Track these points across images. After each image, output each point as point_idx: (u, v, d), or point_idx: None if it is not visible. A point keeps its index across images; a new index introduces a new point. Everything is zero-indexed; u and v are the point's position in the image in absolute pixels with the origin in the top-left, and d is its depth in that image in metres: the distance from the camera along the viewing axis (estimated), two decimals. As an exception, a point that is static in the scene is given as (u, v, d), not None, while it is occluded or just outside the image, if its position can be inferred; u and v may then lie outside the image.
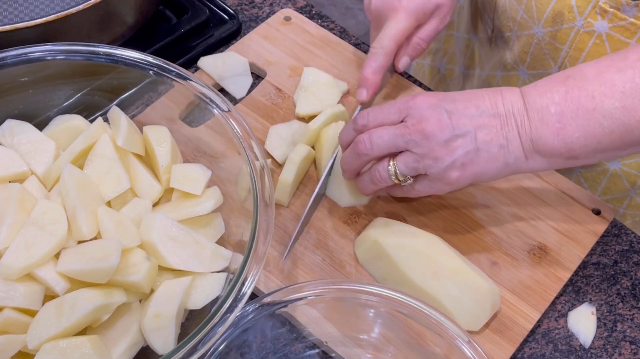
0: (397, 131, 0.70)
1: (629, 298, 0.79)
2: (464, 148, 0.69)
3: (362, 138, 0.72)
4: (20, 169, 0.72)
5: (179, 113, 0.80)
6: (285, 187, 0.79)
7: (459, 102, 0.70)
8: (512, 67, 0.95)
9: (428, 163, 0.70)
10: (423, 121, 0.69)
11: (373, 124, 0.73)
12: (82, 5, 0.80)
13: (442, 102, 0.70)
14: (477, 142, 0.69)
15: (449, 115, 0.69)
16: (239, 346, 0.68)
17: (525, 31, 0.90)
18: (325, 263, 0.77)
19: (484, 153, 0.69)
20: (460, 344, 0.67)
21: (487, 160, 0.69)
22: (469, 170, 0.70)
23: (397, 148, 0.71)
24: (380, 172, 0.73)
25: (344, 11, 2.48)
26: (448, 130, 0.69)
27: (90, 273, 0.63)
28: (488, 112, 0.69)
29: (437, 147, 0.69)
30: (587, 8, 0.82)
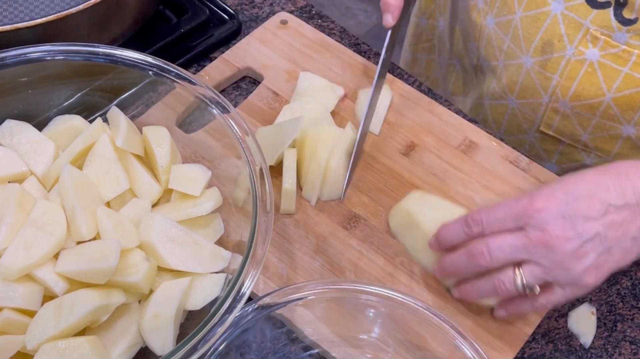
0: (519, 242, 0.65)
1: (629, 298, 0.78)
2: (594, 252, 0.64)
3: (480, 249, 0.67)
4: (19, 169, 0.72)
5: (179, 115, 0.80)
6: (290, 195, 0.79)
7: (581, 200, 0.65)
8: (501, 96, 0.94)
9: (558, 273, 0.65)
10: (546, 233, 0.64)
11: (488, 232, 0.68)
12: (82, 5, 0.80)
13: (563, 204, 0.65)
14: (608, 241, 0.64)
15: (573, 222, 0.64)
16: (238, 346, 0.68)
17: (514, 60, 0.89)
18: (325, 269, 0.77)
19: (617, 250, 0.65)
20: (460, 344, 0.67)
21: (621, 255, 0.66)
22: (603, 271, 0.66)
23: (519, 260, 0.66)
24: (505, 283, 0.67)
25: (344, 11, 2.48)
26: (575, 239, 0.64)
27: (90, 273, 0.63)
28: (615, 205, 0.64)
29: (565, 258, 0.64)
30: (578, 36, 0.80)
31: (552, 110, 0.88)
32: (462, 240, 0.70)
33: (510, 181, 0.84)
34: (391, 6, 0.80)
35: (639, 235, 0.65)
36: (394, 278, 0.76)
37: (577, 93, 0.83)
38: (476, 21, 0.93)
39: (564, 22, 0.81)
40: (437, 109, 0.90)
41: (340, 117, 0.88)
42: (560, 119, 0.88)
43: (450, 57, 1.06)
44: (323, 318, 0.72)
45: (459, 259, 0.70)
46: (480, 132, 0.88)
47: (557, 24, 0.81)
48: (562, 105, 0.86)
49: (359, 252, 0.78)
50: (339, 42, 0.96)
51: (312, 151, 0.80)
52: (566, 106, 0.85)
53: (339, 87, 0.90)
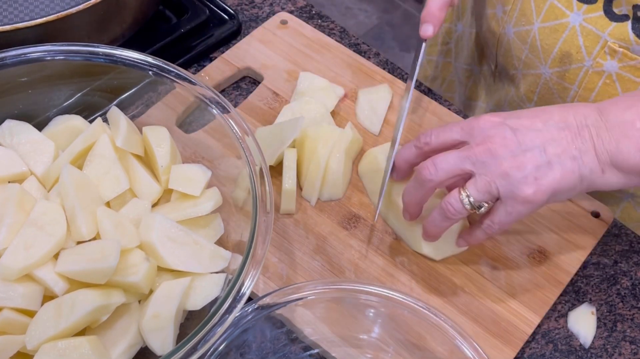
0: (462, 153, 0.68)
1: (629, 298, 0.78)
2: (533, 162, 0.66)
3: (425, 164, 0.70)
4: (19, 169, 0.72)
5: (179, 115, 0.80)
6: (290, 195, 0.79)
7: (524, 118, 0.68)
8: (518, 105, 0.94)
9: (499, 182, 0.67)
10: (487, 140, 0.67)
11: (435, 142, 0.71)
12: (82, 5, 0.80)
13: (506, 120, 0.68)
14: (547, 155, 0.66)
15: (513, 132, 0.67)
16: (238, 346, 0.68)
17: (532, 70, 0.89)
18: (325, 269, 0.77)
19: (557, 166, 0.66)
20: (460, 344, 0.67)
21: (562, 173, 0.66)
22: (544, 184, 0.66)
23: (463, 170, 0.68)
24: (452, 203, 0.69)
25: (344, 11, 2.48)
26: (514, 145, 0.66)
27: (89, 273, 0.63)
28: (557, 126, 0.67)
29: (504, 163, 0.66)
30: (596, 48, 0.81)
31: None
32: (414, 155, 0.73)
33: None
34: (435, 17, 0.78)
35: (579, 156, 0.66)
36: (394, 278, 0.77)
37: None
38: (495, 30, 0.93)
39: (582, 33, 0.81)
40: (437, 109, 0.90)
41: (340, 117, 0.88)
42: None
43: (468, 62, 1.06)
44: (323, 318, 0.72)
45: (410, 184, 0.73)
46: (480, 132, 0.87)
47: (576, 35, 0.82)
48: None
49: (359, 252, 0.78)
50: (339, 42, 0.96)
51: (312, 151, 0.80)
52: None
53: (339, 87, 0.90)
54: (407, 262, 0.78)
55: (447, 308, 0.75)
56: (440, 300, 0.75)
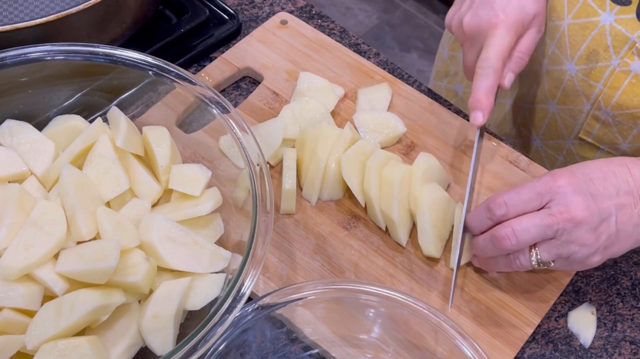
0: (544, 222, 0.67)
1: (629, 298, 0.78)
2: (607, 232, 0.67)
3: (505, 233, 0.68)
4: (19, 169, 0.72)
5: (179, 115, 0.80)
6: (290, 195, 0.79)
7: (596, 181, 0.68)
8: (541, 100, 0.94)
9: (574, 249, 0.67)
10: (572, 208, 0.66)
11: (513, 214, 0.69)
12: (82, 5, 0.80)
13: (583, 183, 0.67)
14: (617, 224, 0.67)
15: (594, 199, 0.67)
16: (238, 346, 0.68)
17: (557, 66, 0.89)
18: (325, 269, 0.77)
19: (622, 234, 0.68)
20: (460, 344, 0.67)
21: (624, 240, 0.68)
22: (608, 253, 0.69)
23: (544, 239, 0.68)
24: (521, 261, 0.70)
25: (344, 11, 2.48)
26: (596, 216, 0.66)
27: (89, 273, 0.63)
28: (623, 190, 0.68)
29: (586, 234, 0.67)
30: (624, 48, 0.81)
31: (593, 117, 0.88)
32: (487, 226, 0.71)
33: (510, 182, 0.84)
34: (483, 104, 0.77)
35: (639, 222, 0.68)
36: (394, 278, 0.76)
37: (620, 102, 0.84)
38: None
39: (611, 33, 0.81)
40: (437, 109, 0.90)
41: (340, 117, 0.88)
42: (600, 127, 0.88)
43: None
44: (323, 318, 0.72)
45: (485, 244, 0.71)
46: (480, 132, 0.88)
47: (604, 34, 0.82)
48: (603, 114, 0.86)
49: (359, 252, 0.78)
50: (339, 42, 0.96)
51: (312, 151, 0.80)
52: (608, 114, 0.86)
53: (339, 87, 0.90)
54: (407, 262, 0.78)
55: (447, 308, 0.75)
56: (440, 300, 0.75)
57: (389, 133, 0.85)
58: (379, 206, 0.78)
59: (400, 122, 0.86)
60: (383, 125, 0.86)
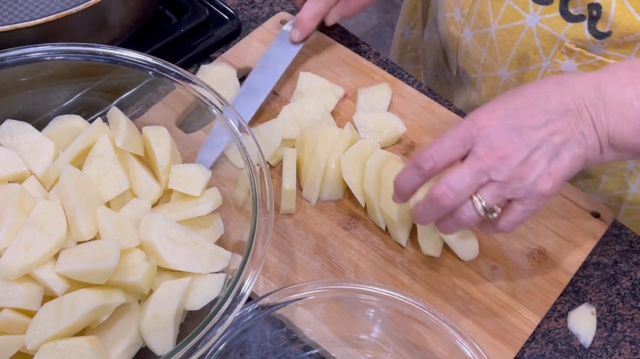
0: (474, 167, 0.65)
1: (629, 298, 0.78)
2: (544, 158, 0.65)
3: (441, 191, 0.66)
4: (19, 169, 0.72)
5: (179, 115, 0.80)
6: (290, 195, 0.79)
7: (522, 110, 0.65)
8: None
9: (515, 185, 0.65)
10: (494, 147, 0.65)
11: (441, 164, 0.67)
12: (82, 5, 0.80)
13: (505, 119, 0.65)
14: (555, 146, 0.65)
15: (518, 133, 0.65)
16: (238, 346, 0.68)
17: (491, 73, 0.89)
18: (324, 269, 0.77)
19: (566, 155, 0.65)
20: (460, 344, 0.68)
21: (571, 160, 0.66)
22: (557, 176, 0.65)
23: (480, 184, 0.66)
24: (466, 213, 0.67)
25: (345, 11, 2.48)
26: (523, 148, 0.64)
27: (89, 273, 0.63)
28: (557, 112, 0.65)
29: (518, 167, 0.65)
30: (553, 48, 0.80)
31: None
32: (418, 183, 0.69)
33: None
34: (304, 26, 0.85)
35: (583, 141, 0.65)
36: (394, 278, 0.76)
37: None
38: (454, 34, 0.93)
39: (539, 35, 0.81)
40: (437, 109, 0.90)
41: (340, 117, 0.88)
42: None
43: (434, 68, 1.06)
44: (323, 318, 0.72)
45: (426, 210, 0.69)
46: (480, 132, 0.87)
47: (532, 37, 0.81)
48: None
49: (359, 252, 0.78)
50: (339, 42, 0.96)
51: (312, 151, 0.80)
52: None
53: (339, 87, 0.90)
54: (407, 262, 0.78)
55: (447, 308, 0.75)
56: (440, 300, 0.75)
57: (389, 133, 0.85)
58: (379, 206, 0.78)
59: (400, 122, 0.86)
60: (383, 125, 0.86)
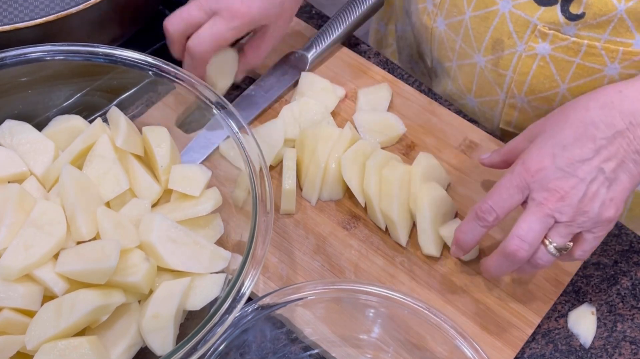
0: (540, 214, 0.66)
1: (629, 298, 0.78)
2: (603, 186, 0.66)
3: (515, 245, 0.67)
4: (19, 169, 0.72)
5: (179, 115, 0.80)
6: (290, 196, 0.79)
7: (571, 147, 0.66)
8: (460, 97, 0.94)
9: (580, 221, 0.67)
10: (553, 190, 0.66)
11: (502, 214, 0.69)
12: (82, 5, 0.80)
13: (556, 157, 0.66)
14: (609, 174, 0.66)
15: (572, 170, 0.66)
16: (238, 346, 0.68)
17: (467, 60, 0.89)
18: (324, 269, 0.77)
19: (623, 176, 0.66)
20: (460, 344, 0.67)
21: (629, 179, 0.67)
22: (619, 199, 0.67)
23: (549, 227, 0.67)
24: (542, 258, 0.69)
25: (345, 11, 2.47)
26: (580, 184, 0.65)
27: (89, 273, 0.63)
28: (606, 137, 0.66)
29: (579, 204, 0.66)
30: (527, 33, 0.81)
31: (510, 106, 0.88)
32: (482, 235, 0.71)
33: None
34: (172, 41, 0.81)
35: (639, 157, 0.66)
36: (394, 278, 0.76)
37: (532, 87, 0.84)
38: (427, 24, 0.93)
39: (512, 20, 0.81)
40: (437, 109, 0.90)
41: (340, 117, 0.88)
42: (518, 114, 0.89)
43: (408, 60, 1.06)
44: (323, 318, 0.72)
45: (501, 262, 0.70)
46: (480, 132, 0.88)
47: (506, 22, 0.82)
48: (519, 100, 0.87)
49: (359, 252, 0.78)
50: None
51: (312, 151, 0.80)
52: (523, 101, 0.86)
53: (339, 87, 0.90)
54: (407, 262, 0.78)
55: (447, 308, 0.75)
56: (440, 300, 0.75)
57: (389, 133, 0.85)
58: (379, 207, 0.78)
59: (400, 122, 0.86)
60: (383, 125, 0.86)
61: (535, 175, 0.67)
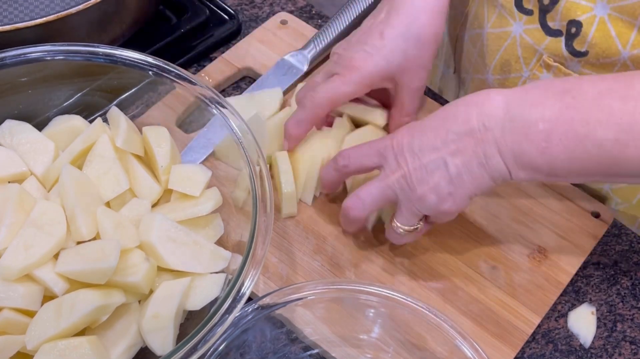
0: (382, 183, 0.71)
1: (629, 298, 0.78)
2: (443, 180, 0.67)
3: (352, 202, 0.73)
4: (19, 169, 0.72)
5: (179, 115, 0.80)
6: (291, 199, 0.78)
7: (429, 130, 0.68)
8: None
9: (419, 206, 0.70)
10: (399, 167, 0.69)
11: (353, 166, 0.73)
12: (82, 5, 0.80)
13: (415, 138, 0.69)
14: (453, 168, 0.67)
15: (417, 156, 0.68)
16: (238, 346, 0.68)
17: (479, 75, 0.89)
18: (324, 269, 0.77)
19: (466, 176, 0.67)
20: (460, 344, 0.67)
21: (472, 180, 0.67)
22: (459, 196, 0.68)
23: (387, 198, 0.71)
24: (393, 236, 0.75)
25: (345, 11, 2.48)
26: (421, 170, 0.68)
27: (89, 273, 0.63)
28: (457, 132, 0.66)
29: (418, 189, 0.69)
30: (533, 60, 0.81)
31: None
32: (334, 176, 0.76)
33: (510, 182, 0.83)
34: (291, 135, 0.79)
35: (485, 162, 0.66)
36: (394, 278, 0.76)
37: None
38: (454, 31, 0.94)
39: (521, 44, 0.81)
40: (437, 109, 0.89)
41: (340, 117, 0.88)
42: None
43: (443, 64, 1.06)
44: (323, 318, 0.72)
45: (344, 220, 0.76)
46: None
47: (516, 45, 0.82)
48: None
49: (359, 252, 0.78)
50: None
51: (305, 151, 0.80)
52: None
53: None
54: (407, 262, 0.78)
55: (447, 308, 0.75)
56: (440, 300, 0.75)
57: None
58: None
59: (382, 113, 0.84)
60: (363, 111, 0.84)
61: (395, 147, 0.70)
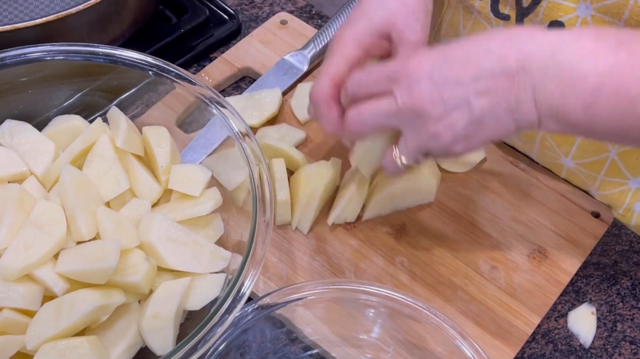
0: (389, 109, 0.62)
1: (629, 298, 0.78)
2: (462, 121, 0.60)
3: (353, 117, 0.64)
4: (19, 169, 0.72)
5: (179, 115, 0.80)
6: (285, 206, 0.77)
7: (455, 62, 0.60)
8: None
9: (430, 143, 0.62)
10: (413, 96, 0.60)
11: (364, 94, 0.64)
12: (82, 5, 0.80)
13: (435, 67, 0.60)
14: (477, 110, 0.59)
15: (441, 86, 0.59)
16: (238, 346, 0.68)
17: None
18: (324, 269, 0.77)
19: (489, 120, 0.59)
20: (460, 344, 0.67)
21: (495, 125, 0.60)
22: (473, 142, 0.61)
23: (390, 126, 0.64)
24: (388, 167, 0.67)
25: (345, 11, 2.48)
26: (440, 104, 0.59)
27: (89, 273, 0.63)
28: (492, 70, 0.58)
29: (431, 125, 0.60)
30: None
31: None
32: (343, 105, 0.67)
33: (510, 181, 0.84)
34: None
35: (516, 108, 0.59)
36: (394, 278, 0.77)
37: None
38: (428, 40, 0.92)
39: None
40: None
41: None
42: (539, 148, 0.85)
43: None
44: (323, 318, 0.72)
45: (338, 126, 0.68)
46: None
47: None
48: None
49: (359, 252, 0.78)
50: (339, 42, 0.96)
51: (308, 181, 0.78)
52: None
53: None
54: (407, 262, 0.78)
55: (447, 308, 0.75)
56: (440, 300, 0.75)
57: None
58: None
59: None
60: None
61: (408, 74, 0.61)
